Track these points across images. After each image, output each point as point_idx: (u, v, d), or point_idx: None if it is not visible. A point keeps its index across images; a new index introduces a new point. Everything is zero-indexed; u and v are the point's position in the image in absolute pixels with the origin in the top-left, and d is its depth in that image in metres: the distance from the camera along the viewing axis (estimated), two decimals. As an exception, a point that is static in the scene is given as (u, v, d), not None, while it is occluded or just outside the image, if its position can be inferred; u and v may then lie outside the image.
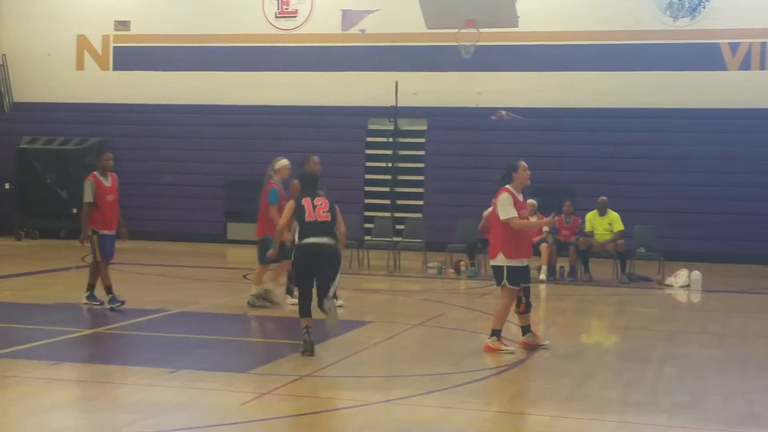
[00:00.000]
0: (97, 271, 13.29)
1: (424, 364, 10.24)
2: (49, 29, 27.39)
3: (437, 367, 9.83)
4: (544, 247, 17.95)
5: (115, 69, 27.34)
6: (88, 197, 13.23)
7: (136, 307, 13.35)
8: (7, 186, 25.33)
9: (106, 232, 13.24)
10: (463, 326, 12.46)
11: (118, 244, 13.61)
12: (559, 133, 23.88)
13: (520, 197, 10.82)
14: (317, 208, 10.33)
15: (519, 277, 10.61)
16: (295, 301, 11.88)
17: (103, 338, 11.18)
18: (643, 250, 18.80)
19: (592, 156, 23.22)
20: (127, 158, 25.22)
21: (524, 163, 11.00)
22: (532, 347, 10.81)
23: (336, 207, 10.56)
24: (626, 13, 24.30)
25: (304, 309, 10.30)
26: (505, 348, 10.58)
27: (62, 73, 27.33)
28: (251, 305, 13.17)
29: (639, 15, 24.25)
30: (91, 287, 13.41)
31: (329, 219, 10.36)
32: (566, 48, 24.62)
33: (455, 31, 22.01)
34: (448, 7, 21.55)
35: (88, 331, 11.32)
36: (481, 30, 21.69)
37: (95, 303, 13.26)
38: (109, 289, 13.05)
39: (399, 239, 20.46)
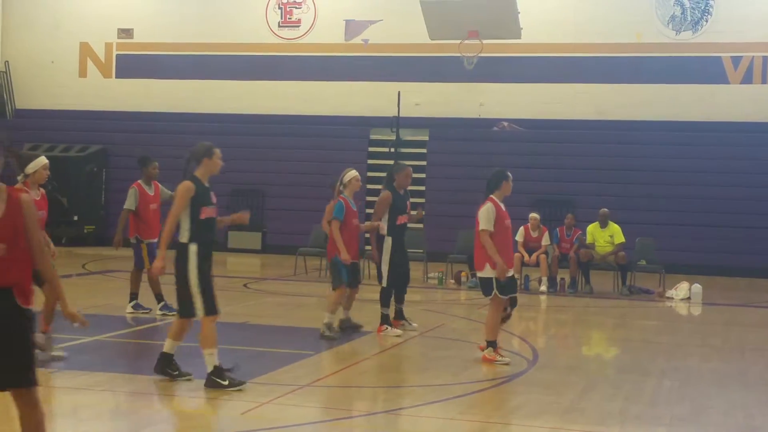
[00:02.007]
0: (139, 278, 13.28)
1: (424, 374, 10.23)
2: (53, 37, 27.44)
3: (437, 378, 9.82)
4: (543, 258, 17.95)
5: (117, 77, 27.39)
6: (129, 204, 13.24)
7: (137, 315, 13.35)
8: (8, 193, 25.35)
9: (149, 240, 13.24)
10: (464, 337, 12.45)
11: (123, 252, 13.62)
12: (561, 145, 23.89)
13: (503, 207, 10.75)
14: None
15: (509, 288, 10.50)
16: (398, 332, 11.88)
17: (104, 346, 11.18)
18: (644, 262, 18.80)
19: (593, 168, 23.24)
20: (129, 166, 25.20)
21: (510, 174, 11.06)
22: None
23: None
24: (629, 26, 24.35)
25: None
26: (501, 359, 10.51)
27: (65, 80, 27.37)
28: (322, 336, 11.71)
29: (641, 28, 24.30)
30: (133, 296, 13.38)
31: None
32: (569, 60, 24.66)
33: (458, 42, 22.04)
34: (451, 18, 21.58)
35: (88, 339, 11.31)
36: (484, 41, 21.72)
37: (142, 311, 13.25)
38: (159, 297, 13.10)
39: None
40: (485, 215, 10.56)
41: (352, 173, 12.12)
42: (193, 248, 8.70)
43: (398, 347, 11.63)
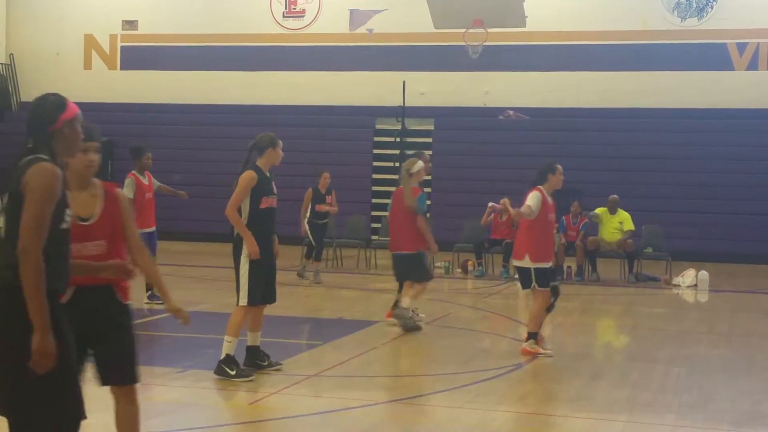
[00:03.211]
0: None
1: (432, 364, 10.25)
2: (57, 29, 27.44)
3: (444, 367, 9.83)
4: (550, 246, 17.92)
5: (122, 68, 27.40)
6: (128, 193, 13.26)
7: (144, 306, 13.37)
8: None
9: (145, 230, 13.23)
10: (471, 326, 12.46)
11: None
12: (566, 133, 23.85)
13: (550, 200, 10.57)
14: None
15: (548, 278, 10.40)
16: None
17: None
18: (650, 249, 18.79)
19: (599, 156, 23.19)
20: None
21: (561, 167, 10.76)
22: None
23: None
24: (634, 13, 24.29)
25: None
26: (543, 351, 10.36)
27: (70, 72, 27.36)
28: (405, 328, 11.64)
29: (646, 15, 24.24)
30: (149, 287, 13.39)
31: None
32: (574, 48, 24.61)
33: (463, 31, 22.01)
34: (455, 7, 21.56)
35: (96, 331, 11.32)
36: (489, 30, 21.68)
37: (157, 302, 13.25)
38: (147, 287, 13.07)
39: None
40: (534, 199, 10.30)
41: (420, 164, 11.76)
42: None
43: (405, 337, 11.63)
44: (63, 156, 4.74)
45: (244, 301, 8.75)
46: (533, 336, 10.39)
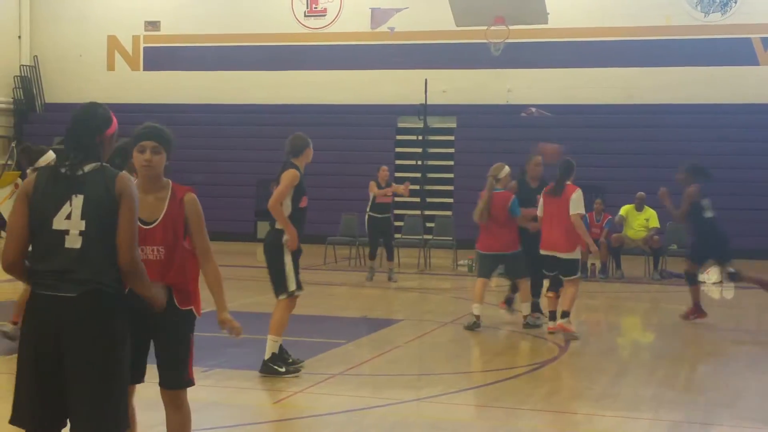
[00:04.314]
0: None
1: (456, 362, 10.22)
2: (81, 30, 27.56)
3: (469, 365, 9.80)
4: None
5: (145, 69, 27.49)
6: None
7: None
8: (39, 186, 25.53)
9: None
10: (495, 324, 12.41)
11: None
12: (589, 130, 23.75)
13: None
14: None
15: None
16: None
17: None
18: (675, 246, 18.67)
19: (622, 153, 23.08)
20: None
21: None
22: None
23: None
24: (657, 8, 24.16)
25: None
26: (574, 333, 11.08)
27: (93, 73, 27.49)
28: (530, 325, 11.82)
29: (670, 10, 24.09)
30: None
31: None
32: (596, 44, 24.51)
33: (484, 28, 21.96)
34: (477, 5, 21.51)
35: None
36: (511, 27, 21.62)
37: None
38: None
39: (429, 237, 20.43)
40: (578, 200, 11.17)
41: (507, 169, 12.15)
42: (286, 237, 8.88)
43: (429, 335, 11.61)
44: None
45: (293, 286, 8.90)
46: (567, 314, 11.09)
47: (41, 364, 4.48)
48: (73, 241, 4.46)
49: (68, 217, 4.47)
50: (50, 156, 10.12)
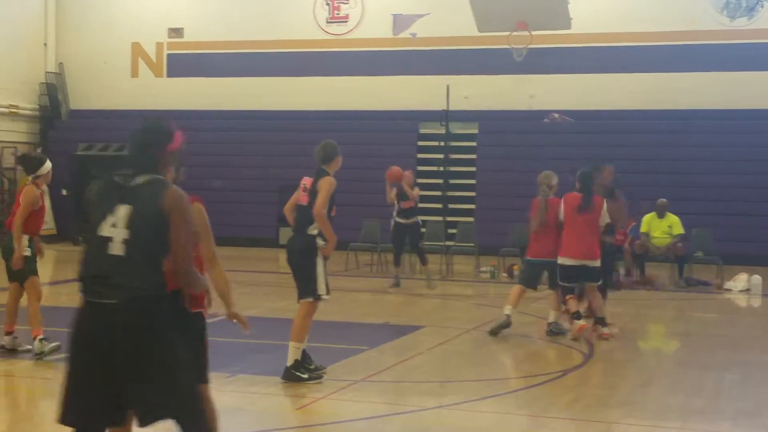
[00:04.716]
0: None
1: (479, 369, 10.16)
2: (105, 38, 27.68)
3: (492, 373, 9.74)
4: (598, 251, 17.77)
5: (168, 76, 27.56)
6: None
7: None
8: (64, 192, 25.61)
9: None
10: (518, 331, 12.33)
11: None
12: (612, 136, 23.62)
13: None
14: None
15: None
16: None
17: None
18: (700, 253, 18.53)
19: (647, 159, 22.94)
20: (180, 163, 25.34)
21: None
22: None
23: None
24: (681, 13, 24.01)
25: None
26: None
27: (117, 80, 27.60)
28: (553, 332, 11.89)
29: (694, 15, 23.94)
30: None
31: None
32: (620, 49, 24.38)
33: (507, 33, 21.90)
34: (499, 10, 21.45)
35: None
36: (533, 32, 21.55)
37: None
38: None
39: (451, 243, 20.37)
40: (605, 210, 11.77)
41: (557, 178, 12.34)
42: (320, 242, 8.97)
43: (452, 342, 11.56)
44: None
45: (322, 290, 8.97)
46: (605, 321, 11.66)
47: (89, 368, 4.68)
48: (117, 249, 4.70)
49: (114, 225, 4.72)
50: (49, 165, 10.28)
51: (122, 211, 4.73)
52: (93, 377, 4.68)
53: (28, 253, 10.04)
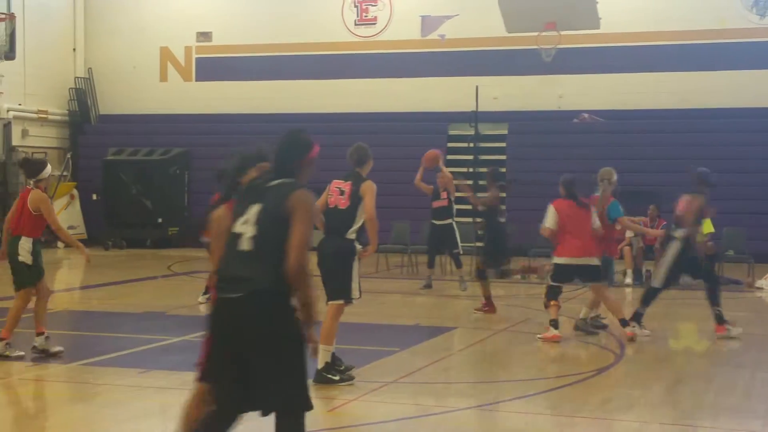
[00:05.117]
0: None
1: (510, 369, 10.16)
2: (134, 42, 27.85)
3: (523, 373, 9.74)
4: (627, 250, 17.74)
5: (197, 80, 27.70)
6: None
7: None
8: (94, 197, 25.81)
9: None
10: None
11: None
12: (642, 135, 23.53)
13: None
14: None
15: None
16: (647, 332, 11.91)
17: (192, 346, 11.26)
18: (732, 252, 18.42)
19: (677, 158, 22.78)
20: (210, 167, 25.43)
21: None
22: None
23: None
24: (710, 12, 23.88)
25: None
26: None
27: (146, 85, 27.77)
28: (579, 328, 12.07)
29: (724, 13, 23.79)
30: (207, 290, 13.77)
31: None
32: (649, 49, 24.28)
33: (536, 34, 21.87)
34: (528, 10, 21.42)
35: (176, 339, 11.45)
36: (562, 32, 21.51)
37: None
38: (207, 290, 13.47)
39: (481, 244, 20.32)
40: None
41: (616, 175, 12.44)
42: (358, 247, 9.07)
43: (482, 343, 11.56)
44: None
45: (356, 293, 9.06)
46: (626, 321, 11.54)
47: (220, 360, 5.13)
48: (245, 244, 5.10)
49: (245, 222, 5.12)
50: (49, 169, 10.43)
51: (254, 210, 5.11)
52: (227, 368, 5.11)
53: (30, 261, 10.06)
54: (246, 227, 5.10)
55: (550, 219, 11.73)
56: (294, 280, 5.01)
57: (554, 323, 11.37)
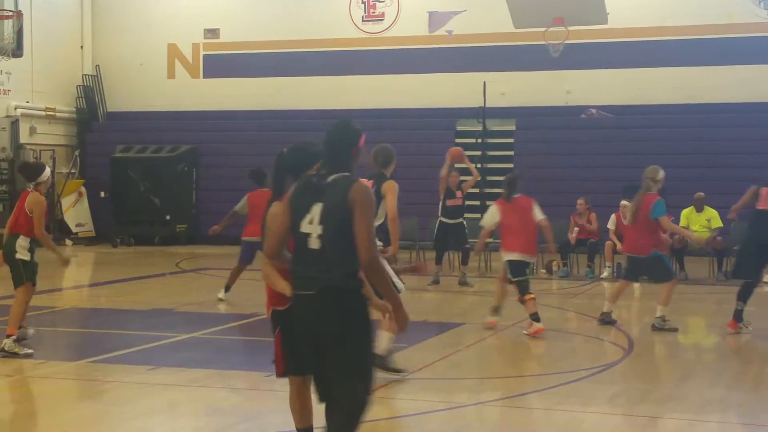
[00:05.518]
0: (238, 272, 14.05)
1: (518, 365, 10.15)
2: (141, 39, 27.86)
3: (531, 369, 9.73)
4: (609, 245, 17.77)
5: (205, 77, 27.70)
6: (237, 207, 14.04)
7: (231, 311, 13.49)
8: (102, 194, 25.83)
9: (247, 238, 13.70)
10: (557, 327, 12.31)
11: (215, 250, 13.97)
12: (650, 131, 23.49)
13: None
14: None
15: None
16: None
17: (199, 343, 11.31)
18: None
19: (684, 153, 22.76)
20: (218, 164, 25.53)
21: None
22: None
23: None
24: (718, 6, 23.80)
25: None
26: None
27: (154, 81, 27.78)
28: (656, 327, 11.94)
29: (731, 8, 23.73)
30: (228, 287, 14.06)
31: None
32: (656, 44, 24.22)
33: (543, 29, 21.83)
34: (535, 6, 21.40)
35: (184, 336, 11.46)
36: (570, 28, 21.47)
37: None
38: (227, 288, 14.05)
39: (489, 240, 20.29)
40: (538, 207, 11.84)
41: (662, 172, 12.47)
42: (379, 244, 8.98)
43: (491, 339, 11.56)
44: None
45: (400, 285, 9.01)
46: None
47: (300, 352, 5.41)
48: (313, 243, 5.23)
49: (311, 222, 5.25)
50: (48, 172, 10.53)
51: (316, 209, 5.24)
52: (302, 361, 5.42)
53: (27, 257, 10.25)
54: (312, 227, 5.24)
55: (487, 218, 12.07)
56: (368, 273, 5.18)
57: (535, 317, 11.43)
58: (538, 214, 11.71)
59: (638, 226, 11.99)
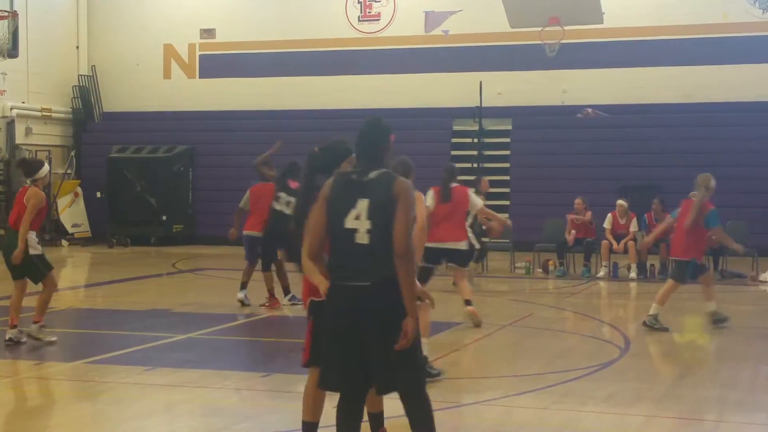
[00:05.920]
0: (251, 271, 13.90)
1: (515, 364, 10.17)
2: (137, 40, 27.84)
3: (528, 368, 9.74)
4: (632, 245, 17.75)
5: (201, 77, 27.70)
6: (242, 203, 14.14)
7: (228, 311, 13.49)
8: (98, 195, 25.82)
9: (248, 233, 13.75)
10: (553, 326, 12.34)
11: (212, 250, 13.93)
12: (646, 130, 23.52)
13: None
14: None
15: None
16: None
17: (196, 343, 11.32)
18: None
19: (680, 152, 22.78)
20: (215, 165, 25.53)
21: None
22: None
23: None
24: (714, 6, 23.84)
25: None
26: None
27: (150, 82, 27.76)
28: (649, 326, 12.03)
29: (726, 7, 23.76)
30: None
31: None
32: (652, 43, 24.25)
33: (539, 29, 21.85)
34: (531, 6, 21.42)
35: (181, 336, 11.47)
36: (566, 27, 21.49)
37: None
38: (243, 285, 13.75)
39: (486, 240, 20.33)
40: (475, 198, 11.92)
41: (714, 181, 12.54)
42: None
43: (488, 338, 11.57)
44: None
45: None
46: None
47: (343, 342, 5.43)
48: (362, 238, 5.39)
49: (357, 217, 5.40)
50: (47, 168, 10.71)
51: (362, 205, 5.40)
52: (346, 349, 5.44)
53: (39, 251, 10.53)
54: (360, 222, 5.40)
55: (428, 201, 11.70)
56: (400, 263, 5.32)
57: (467, 302, 11.81)
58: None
59: (688, 230, 12.07)
